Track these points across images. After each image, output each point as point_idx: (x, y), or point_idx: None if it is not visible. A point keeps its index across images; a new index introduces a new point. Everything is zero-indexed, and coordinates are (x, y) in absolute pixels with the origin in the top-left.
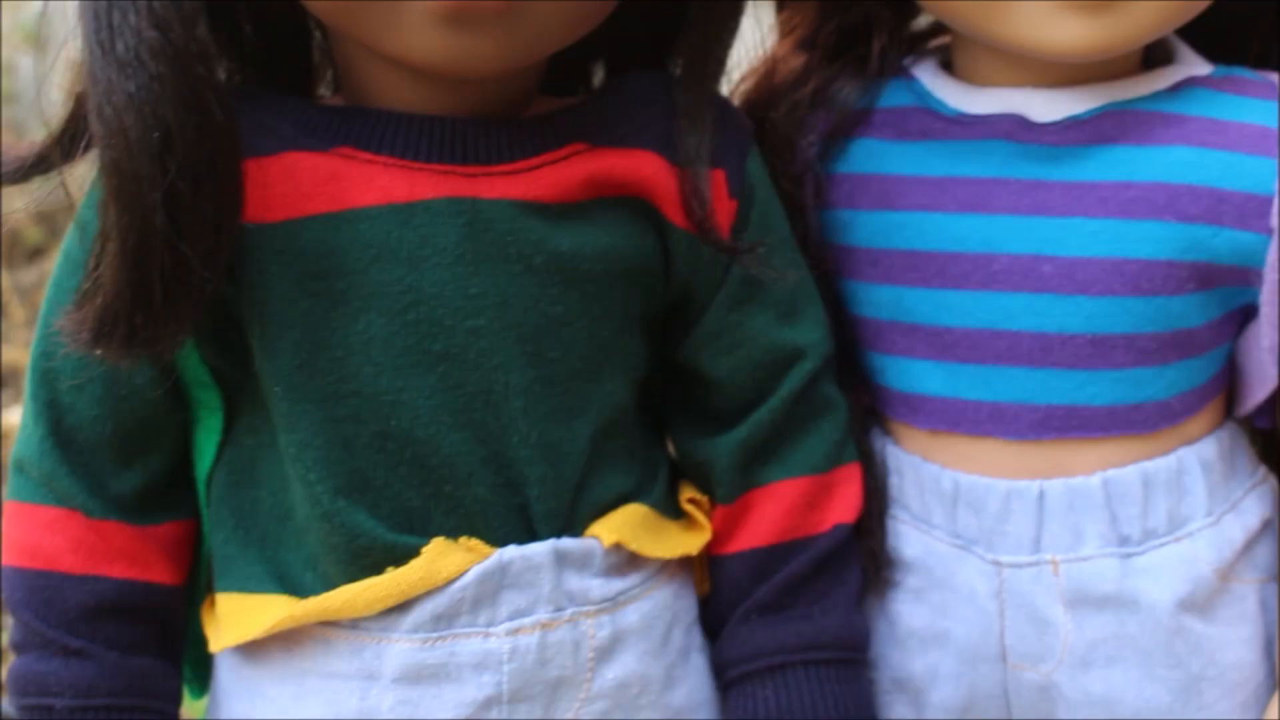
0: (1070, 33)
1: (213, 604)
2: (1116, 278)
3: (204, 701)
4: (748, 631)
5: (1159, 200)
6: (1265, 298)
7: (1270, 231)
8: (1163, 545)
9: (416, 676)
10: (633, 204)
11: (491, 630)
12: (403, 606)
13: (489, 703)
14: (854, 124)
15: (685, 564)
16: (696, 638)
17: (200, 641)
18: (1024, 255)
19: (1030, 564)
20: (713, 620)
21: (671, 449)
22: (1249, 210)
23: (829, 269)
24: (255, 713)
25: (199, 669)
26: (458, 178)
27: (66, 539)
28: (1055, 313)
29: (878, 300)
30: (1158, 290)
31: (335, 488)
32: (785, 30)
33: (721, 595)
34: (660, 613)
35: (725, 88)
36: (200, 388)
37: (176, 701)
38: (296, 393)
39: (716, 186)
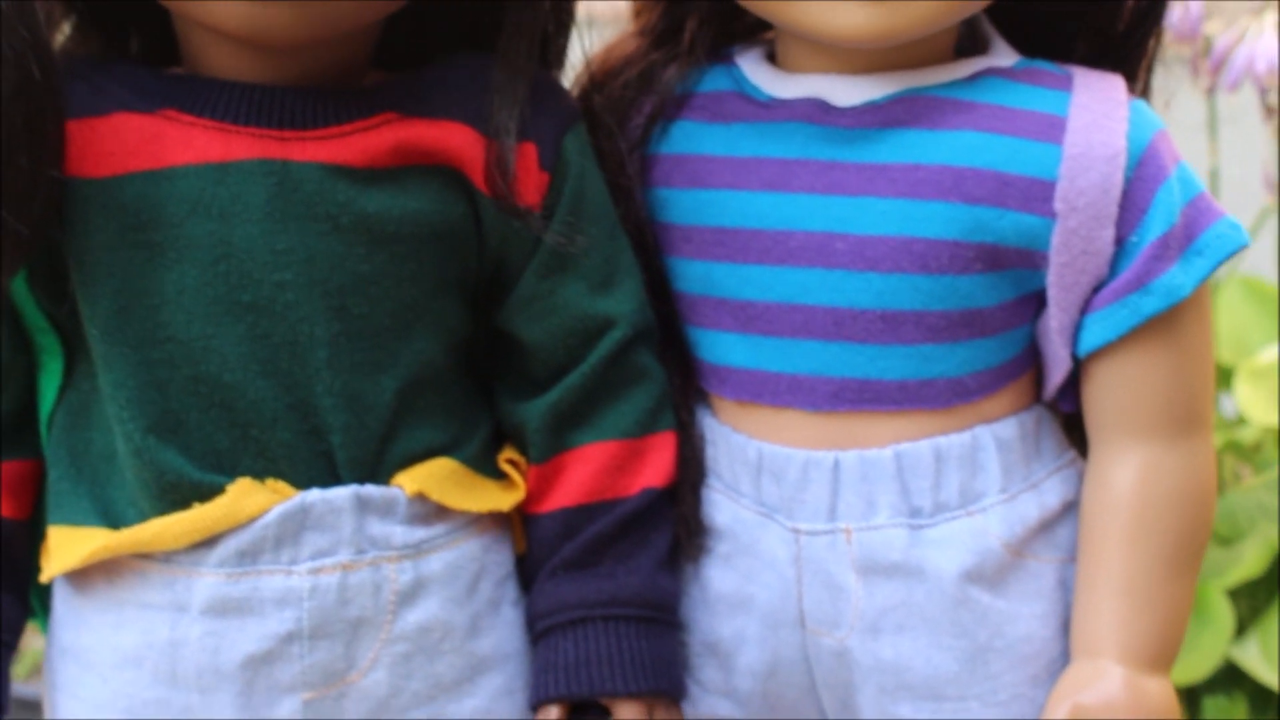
0: (853, 19)
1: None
2: (904, 255)
3: None
4: (553, 587)
5: (945, 182)
6: (1051, 280)
7: (1054, 215)
8: (954, 519)
9: (222, 609)
10: (445, 173)
11: (293, 569)
12: (210, 542)
13: (290, 637)
14: (676, 107)
15: (502, 521)
16: (510, 592)
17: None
18: (819, 232)
19: (826, 532)
20: (526, 578)
21: None
22: (1033, 194)
23: (651, 247)
24: (81, 640)
25: (47, 601)
26: (271, 141)
27: None
28: (847, 288)
29: (690, 275)
30: (945, 269)
31: (145, 426)
32: (633, 15)
33: (533, 553)
34: (466, 563)
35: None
36: (40, 333)
37: (16, 631)
38: (113, 336)
39: (526, 159)
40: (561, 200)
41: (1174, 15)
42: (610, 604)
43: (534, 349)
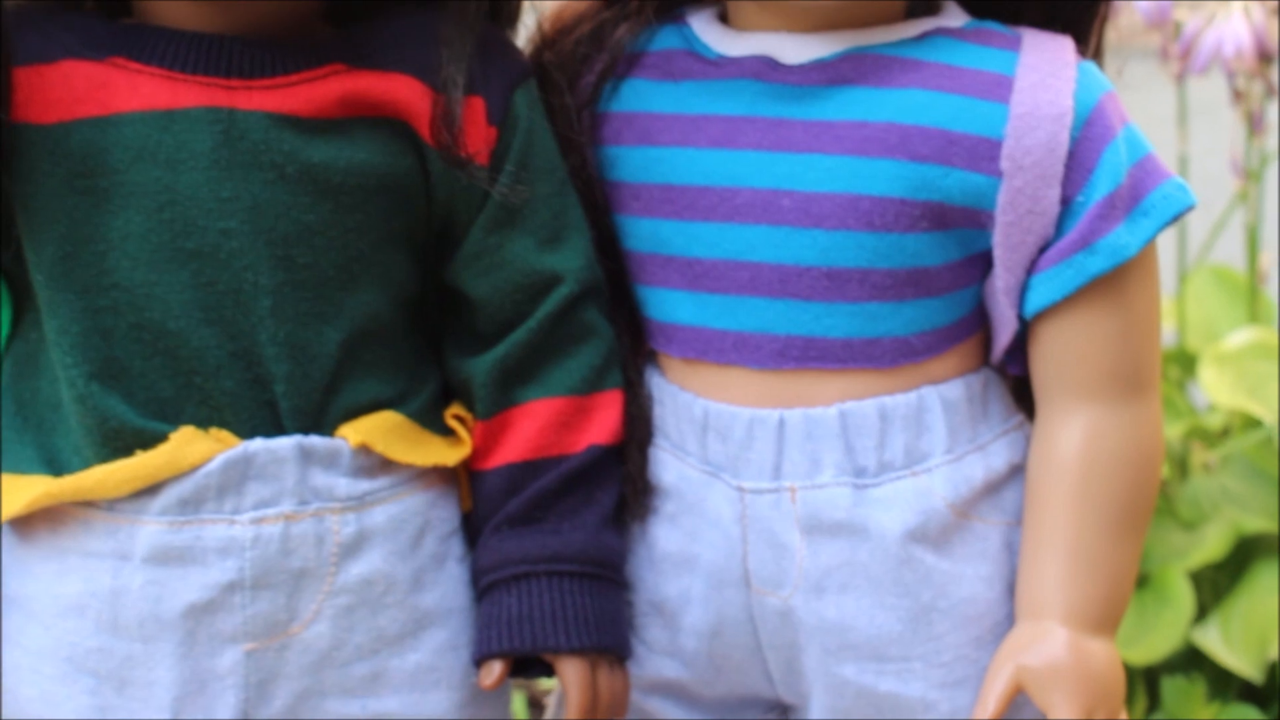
0: None
1: None
2: (850, 213)
3: None
4: (497, 542)
5: (891, 140)
6: (997, 240)
7: (1000, 174)
8: (898, 479)
9: (164, 558)
10: (393, 125)
11: (236, 518)
12: (153, 490)
13: (232, 587)
14: (626, 65)
15: (448, 476)
16: (456, 548)
17: None
18: (765, 189)
19: (770, 490)
20: (472, 534)
21: None
22: (978, 152)
23: (600, 205)
24: (25, 589)
25: None
26: (217, 89)
27: None
28: (793, 245)
29: (639, 233)
30: (890, 227)
31: (89, 373)
32: None
33: (479, 509)
34: (410, 517)
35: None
36: None
37: None
38: (58, 282)
39: (474, 113)
40: (509, 155)
41: (1144, 2)
42: (554, 560)
43: (481, 304)
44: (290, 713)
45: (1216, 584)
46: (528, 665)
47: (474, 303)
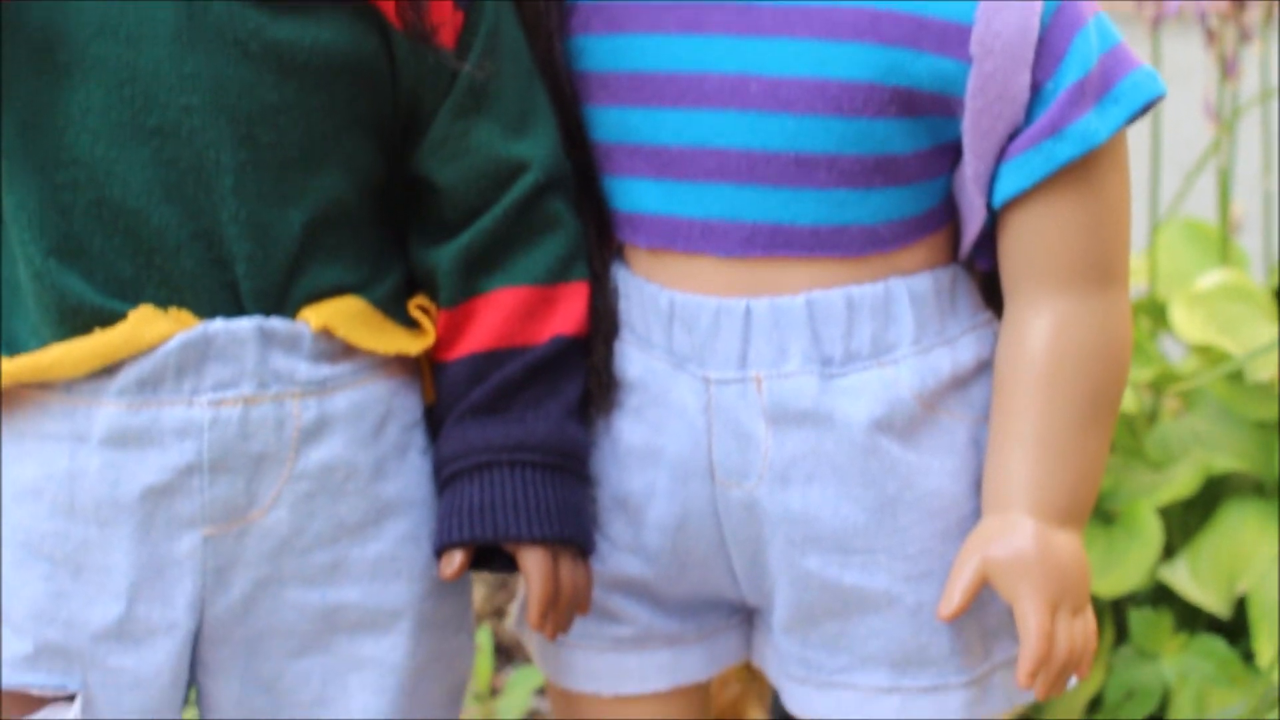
0: None
1: None
2: (819, 97)
3: None
4: (460, 432)
5: (861, 23)
6: (967, 126)
7: (969, 59)
8: (865, 369)
9: (122, 440)
10: (359, 6)
11: (194, 399)
12: (111, 370)
13: (190, 469)
14: None
15: (411, 368)
16: (418, 439)
17: None
18: (733, 74)
19: (736, 380)
20: (435, 428)
21: None
22: (948, 37)
23: (568, 96)
24: None
25: None
26: None
27: None
28: (761, 130)
29: (607, 123)
30: (859, 112)
31: (47, 249)
32: None
33: (442, 400)
34: (373, 405)
35: None
36: None
37: None
38: (17, 158)
39: None
40: (476, 39)
41: None
42: (517, 449)
43: (447, 192)
44: (248, 601)
45: (1186, 524)
46: (489, 558)
47: (439, 190)
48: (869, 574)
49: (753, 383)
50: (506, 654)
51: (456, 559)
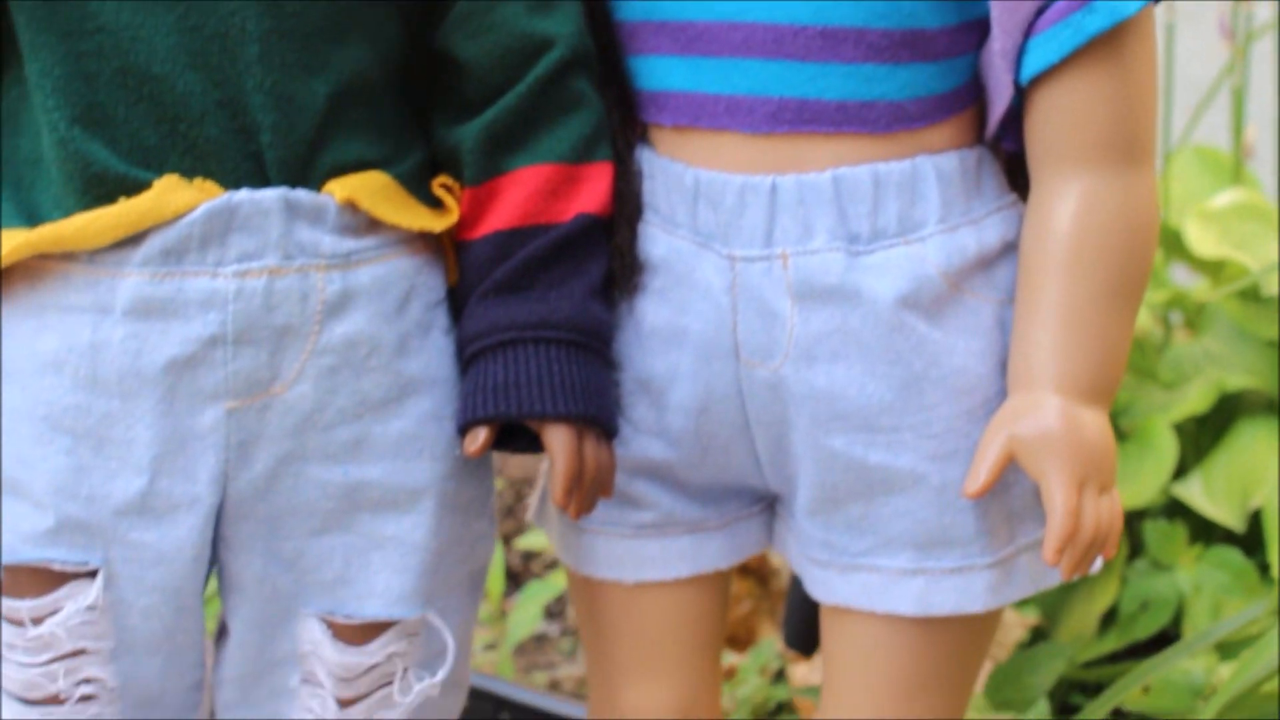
0: None
1: None
2: None
3: None
4: (484, 310)
5: None
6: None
7: None
8: (892, 246)
9: (146, 310)
10: None
11: (219, 270)
12: (135, 240)
13: (214, 341)
14: None
15: (434, 247)
16: (441, 319)
17: None
18: None
19: (762, 258)
20: (458, 310)
21: None
22: None
23: None
24: (3, 350)
25: None
26: None
27: None
28: (787, 4)
29: (631, 0)
30: None
31: (71, 117)
32: None
33: (465, 280)
34: (397, 280)
35: None
36: None
37: None
38: (40, 25)
39: None
40: None
41: None
42: (541, 326)
43: (470, 68)
44: (271, 477)
45: (1199, 443)
46: (512, 438)
47: (463, 67)
48: (894, 453)
49: (778, 260)
50: (515, 580)
51: (480, 436)
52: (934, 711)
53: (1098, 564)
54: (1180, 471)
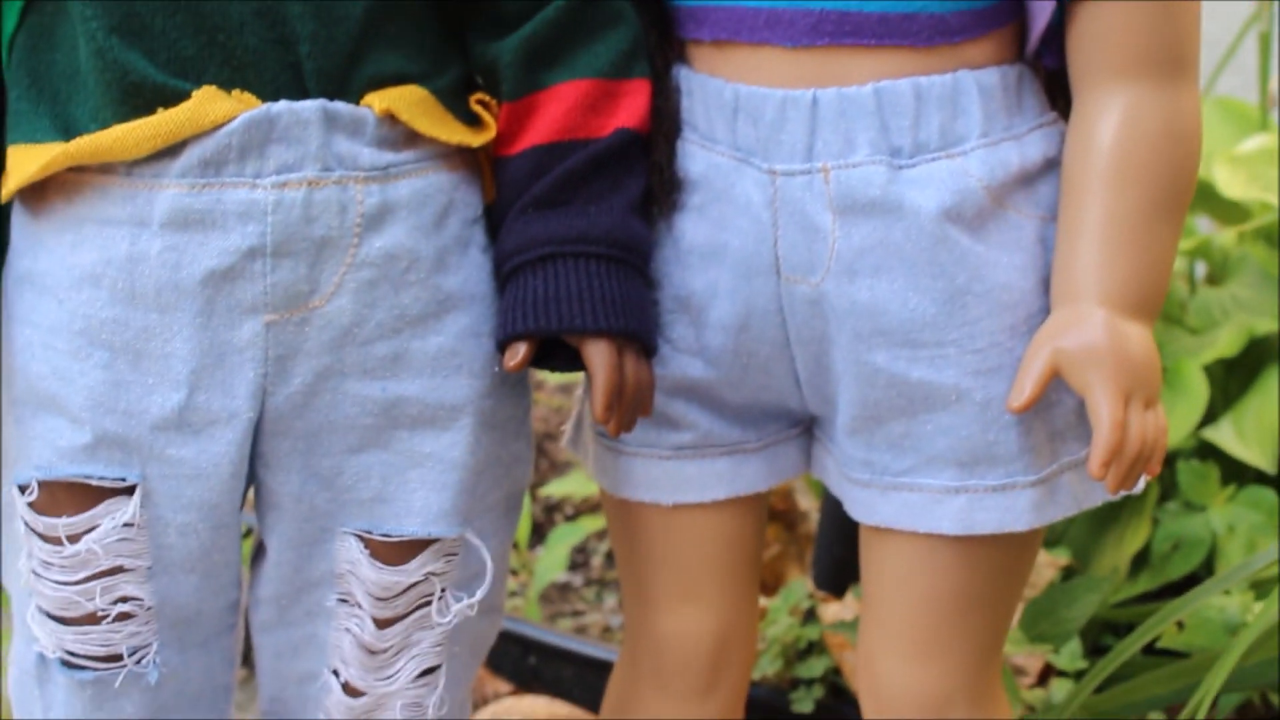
0: None
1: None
2: None
3: None
4: (522, 225)
5: None
6: None
7: None
8: (934, 159)
9: (184, 222)
10: None
11: (258, 182)
12: (173, 151)
13: (252, 253)
14: None
15: (471, 163)
16: (479, 236)
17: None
18: None
19: (803, 172)
20: (496, 223)
21: None
22: None
23: None
24: (37, 265)
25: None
26: None
27: None
28: None
29: None
30: None
31: (109, 26)
32: None
33: (503, 196)
34: (435, 194)
35: None
36: None
37: None
38: None
39: None
40: None
41: None
42: (580, 240)
43: None
44: (309, 392)
45: (1228, 388)
46: (550, 355)
47: None
48: (937, 368)
49: (819, 174)
50: (539, 533)
51: (520, 351)
52: (976, 634)
53: (1140, 483)
54: (1209, 417)
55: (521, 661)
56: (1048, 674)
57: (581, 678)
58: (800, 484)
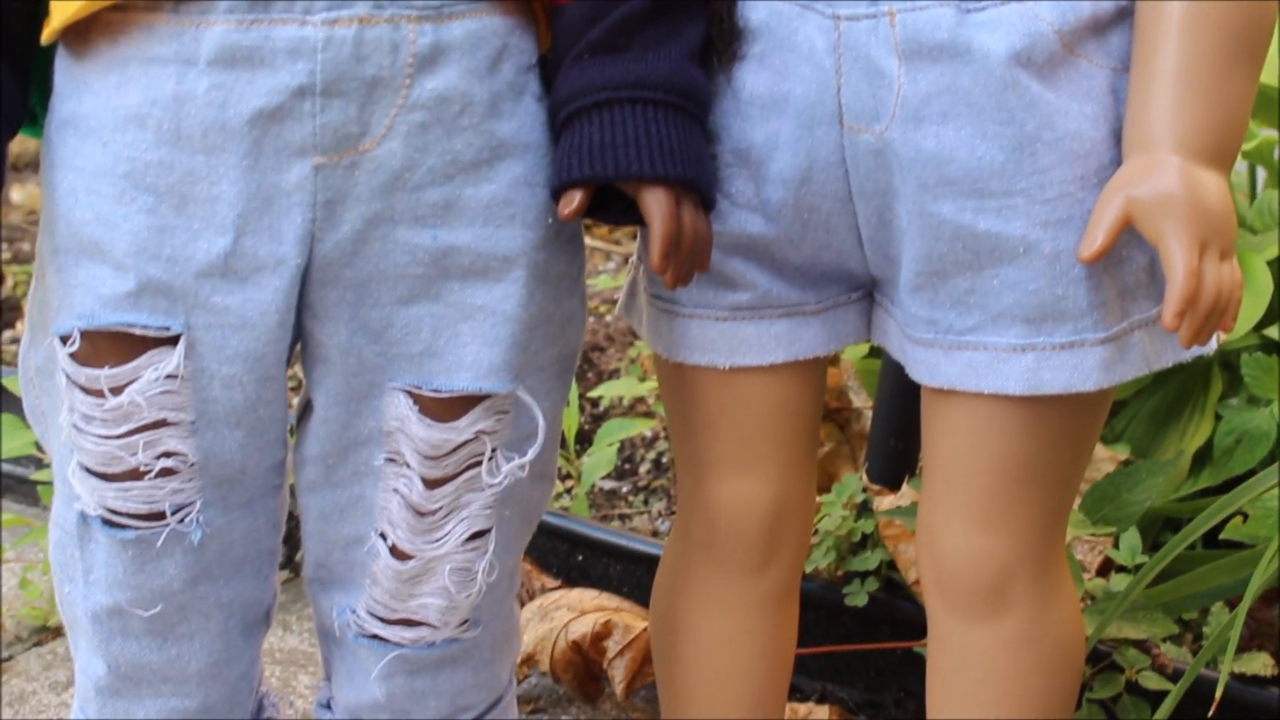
0: None
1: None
2: None
3: None
4: (579, 70)
5: None
6: None
7: None
8: (1004, 2)
9: (231, 59)
10: None
11: (308, 18)
12: None
13: (301, 92)
14: None
15: (526, 10)
16: (534, 85)
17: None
18: None
19: (868, 15)
20: (552, 73)
21: None
22: None
23: None
24: (81, 106)
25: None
26: None
27: None
28: None
29: None
30: None
31: None
32: None
33: (559, 43)
34: (489, 37)
35: None
36: None
37: (17, 108)
38: None
39: None
40: None
41: None
42: (638, 86)
43: None
44: (359, 239)
45: None
46: (605, 207)
47: None
48: (1005, 219)
49: (885, 18)
50: (585, 440)
51: (575, 198)
52: (1040, 503)
53: (1212, 344)
54: (1269, 317)
55: (569, 558)
56: (1107, 569)
57: (629, 574)
58: (854, 382)
